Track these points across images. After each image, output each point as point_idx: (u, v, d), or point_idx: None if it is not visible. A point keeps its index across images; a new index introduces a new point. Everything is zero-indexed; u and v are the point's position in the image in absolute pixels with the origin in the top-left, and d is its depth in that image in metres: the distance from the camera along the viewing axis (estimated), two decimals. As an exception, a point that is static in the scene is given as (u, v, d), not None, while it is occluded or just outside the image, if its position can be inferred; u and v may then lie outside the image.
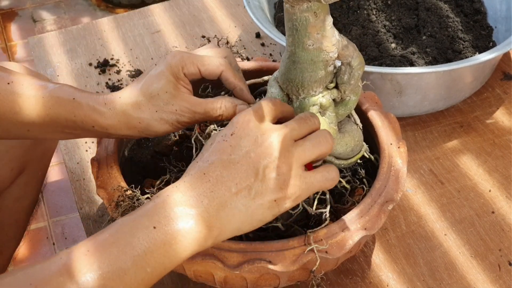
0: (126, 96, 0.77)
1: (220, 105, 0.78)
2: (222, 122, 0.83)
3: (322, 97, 0.77)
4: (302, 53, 0.73)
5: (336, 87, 0.78)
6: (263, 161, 0.65)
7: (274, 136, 0.66)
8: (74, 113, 0.76)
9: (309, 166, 0.72)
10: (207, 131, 0.81)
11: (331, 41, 0.73)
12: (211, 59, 0.79)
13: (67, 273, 0.58)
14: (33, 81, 0.77)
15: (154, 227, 0.62)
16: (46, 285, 0.57)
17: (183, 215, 0.63)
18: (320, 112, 0.78)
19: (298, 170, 0.67)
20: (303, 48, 0.73)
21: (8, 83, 0.76)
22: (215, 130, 0.81)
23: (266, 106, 0.69)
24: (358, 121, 0.84)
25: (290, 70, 0.76)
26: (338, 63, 0.77)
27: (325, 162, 0.80)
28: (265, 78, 0.86)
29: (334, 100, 0.79)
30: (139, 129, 0.78)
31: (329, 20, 0.72)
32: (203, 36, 1.33)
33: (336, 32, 0.74)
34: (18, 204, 1.04)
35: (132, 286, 0.60)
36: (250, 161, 0.65)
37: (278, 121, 0.72)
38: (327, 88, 0.78)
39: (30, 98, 0.75)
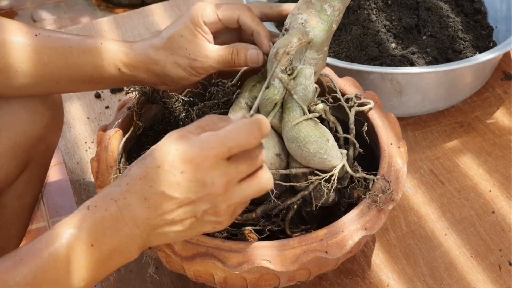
0: (149, 39, 0.82)
1: (232, 49, 0.79)
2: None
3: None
4: None
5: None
6: (204, 205, 0.64)
7: (221, 183, 0.63)
8: (101, 57, 0.80)
9: None
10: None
11: None
12: (228, 5, 0.81)
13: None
14: (59, 34, 0.81)
15: (92, 245, 0.62)
16: None
17: (119, 235, 0.63)
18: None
19: (233, 208, 0.66)
20: None
21: (36, 35, 0.79)
22: None
23: (223, 145, 0.63)
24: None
25: None
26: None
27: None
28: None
29: (289, 74, 0.79)
30: (156, 72, 0.81)
31: None
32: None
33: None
34: (21, 201, 1.03)
35: None
36: (192, 204, 0.64)
37: None
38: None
39: (57, 49, 0.79)
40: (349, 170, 0.79)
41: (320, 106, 0.80)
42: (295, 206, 0.79)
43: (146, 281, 0.90)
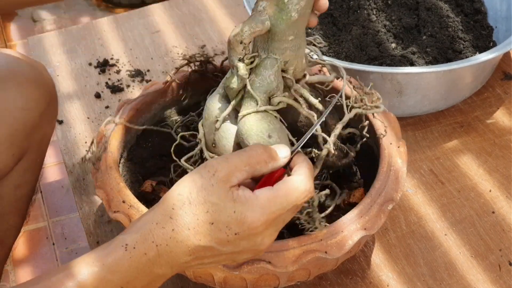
0: None
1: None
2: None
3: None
4: None
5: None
6: (247, 255, 0.66)
7: (269, 242, 0.66)
8: None
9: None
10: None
11: None
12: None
13: None
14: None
15: (122, 287, 0.62)
16: None
17: (150, 276, 0.63)
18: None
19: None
20: None
21: None
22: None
23: (283, 209, 0.64)
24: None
25: None
26: None
27: None
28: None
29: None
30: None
31: None
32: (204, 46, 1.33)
33: None
34: (18, 191, 1.03)
35: None
36: (235, 254, 0.65)
37: None
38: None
39: None
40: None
41: (277, 99, 0.75)
42: None
43: (146, 281, 0.90)
